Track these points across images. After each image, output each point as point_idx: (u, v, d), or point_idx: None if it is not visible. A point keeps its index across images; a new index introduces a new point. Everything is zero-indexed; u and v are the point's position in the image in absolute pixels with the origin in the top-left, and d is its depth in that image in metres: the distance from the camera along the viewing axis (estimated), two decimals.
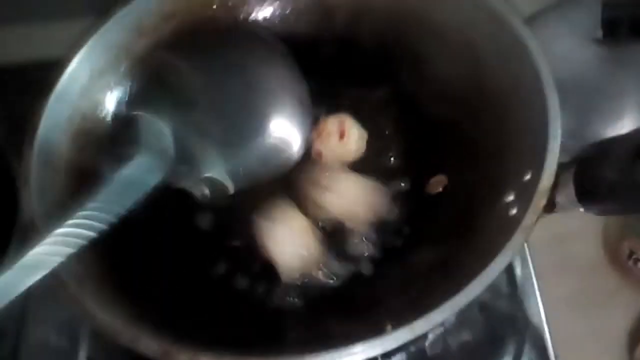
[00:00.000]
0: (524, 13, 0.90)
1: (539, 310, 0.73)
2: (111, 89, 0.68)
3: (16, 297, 0.47)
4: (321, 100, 0.74)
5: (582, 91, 0.84)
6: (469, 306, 0.63)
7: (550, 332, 0.72)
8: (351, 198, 0.67)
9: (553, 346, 0.71)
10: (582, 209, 0.54)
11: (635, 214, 0.72)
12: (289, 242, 0.65)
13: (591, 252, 0.80)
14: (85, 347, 0.70)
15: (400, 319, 0.49)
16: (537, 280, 0.74)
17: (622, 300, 0.77)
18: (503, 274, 0.74)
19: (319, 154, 0.70)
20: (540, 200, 0.53)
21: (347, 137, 0.69)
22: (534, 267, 0.75)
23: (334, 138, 0.69)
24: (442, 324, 0.70)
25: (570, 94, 0.83)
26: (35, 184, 0.58)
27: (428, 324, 0.48)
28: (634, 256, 0.75)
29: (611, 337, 0.76)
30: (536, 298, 0.73)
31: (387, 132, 0.74)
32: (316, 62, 0.74)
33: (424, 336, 0.69)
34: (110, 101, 0.68)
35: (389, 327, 0.49)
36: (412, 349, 0.69)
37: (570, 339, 0.73)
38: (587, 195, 0.53)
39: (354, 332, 0.50)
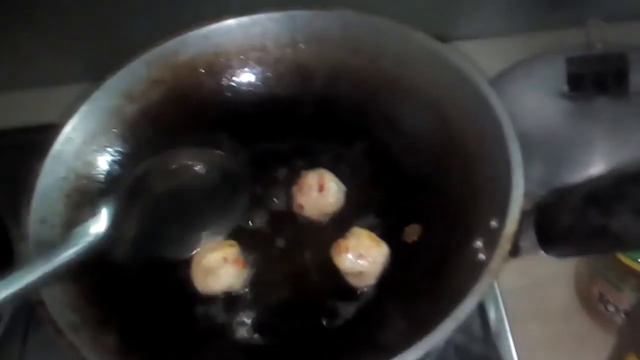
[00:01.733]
0: (493, 70, 0.95)
1: (512, 353, 0.75)
2: (103, 151, 0.72)
3: None
4: (301, 157, 0.78)
5: (550, 143, 0.88)
6: (446, 349, 0.66)
7: None
8: (380, 263, 0.69)
9: None
10: (543, 253, 0.56)
11: (592, 256, 0.75)
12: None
13: (563, 296, 0.81)
14: None
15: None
16: (510, 324, 0.77)
17: (594, 342, 0.77)
18: (477, 318, 0.76)
19: (300, 207, 0.73)
20: (505, 245, 0.56)
21: (326, 190, 0.72)
22: (506, 312, 0.77)
23: (314, 191, 0.72)
24: None
25: (538, 146, 0.88)
26: (33, 241, 0.61)
27: None
28: (604, 299, 0.76)
29: None
30: (509, 341, 0.75)
31: (364, 185, 0.76)
32: (296, 120, 0.79)
33: None
34: (103, 162, 0.71)
35: None
36: None
37: None
38: (547, 239, 0.55)
39: None
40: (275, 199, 0.76)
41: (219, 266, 0.68)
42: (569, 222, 0.53)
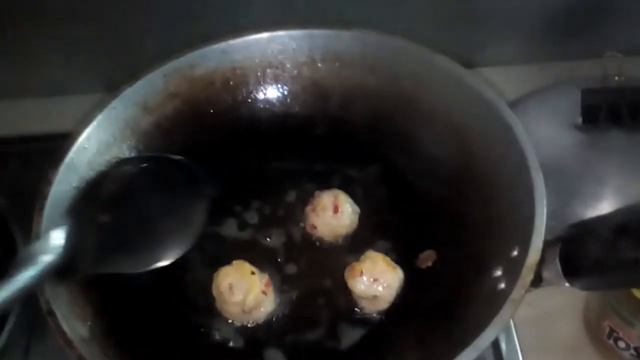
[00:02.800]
0: (507, 98, 0.94)
1: None
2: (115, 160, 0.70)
3: None
4: (313, 178, 0.77)
5: (562, 174, 0.87)
6: None
7: None
8: (395, 288, 0.68)
9: None
10: (567, 284, 0.55)
11: (616, 290, 0.74)
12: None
13: (573, 330, 0.80)
14: None
15: None
16: (521, 356, 0.76)
17: None
18: (490, 349, 0.75)
19: (313, 228, 0.72)
20: (527, 275, 0.55)
21: (340, 211, 0.71)
22: (519, 343, 0.76)
23: (328, 212, 0.71)
24: None
25: (550, 177, 0.86)
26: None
27: None
28: (614, 334, 0.75)
29: None
30: None
31: (378, 208, 0.75)
32: (310, 140, 0.79)
33: None
34: None
35: None
36: None
37: None
38: (573, 271, 0.55)
39: None
40: (287, 220, 0.76)
41: (258, 300, 0.67)
42: (598, 253, 0.52)
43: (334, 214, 0.71)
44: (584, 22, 1.01)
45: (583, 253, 0.53)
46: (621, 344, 0.74)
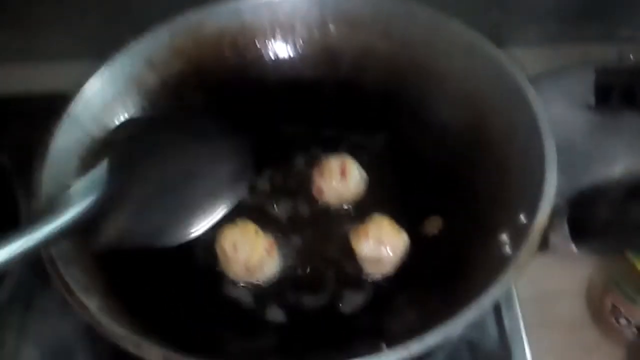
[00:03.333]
0: None
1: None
2: (120, 117, 0.70)
3: None
4: (321, 144, 0.77)
5: (572, 154, 0.86)
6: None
7: None
8: (400, 252, 0.68)
9: None
10: (575, 248, 0.55)
11: (608, 265, 0.73)
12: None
13: (576, 308, 0.80)
14: None
15: (397, 342, 0.49)
16: (524, 333, 0.75)
17: (603, 354, 0.76)
18: (493, 325, 0.74)
19: (320, 192, 0.72)
20: (534, 240, 0.54)
21: (347, 176, 0.71)
22: (522, 320, 0.75)
23: (336, 177, 0.71)
24: None
25: (561, 156, 0.86)
26: (44, 199, 0.59)
27: (422, 346, 0.49)
28: (616, 311, 0.74)
29: None
30: (523, 349, 0.73)
31: (385, 175, 0.75)
32: (318, 105, 0.78)
33: None
34: None
35: (383, 345, 0.50)
36: None
37: None
38: (581, 234, 0.54)
39: (351, 350, 0.51)
40: (294, 184, 0.75)
41: (262, 259, 0.67)
42: (607, 217, 0.51)
43: (341, 178, 0.71)
44: (600, 4, 0.99)
45: (592, 215, 0.53)
46: (623, 322, 0.74)
